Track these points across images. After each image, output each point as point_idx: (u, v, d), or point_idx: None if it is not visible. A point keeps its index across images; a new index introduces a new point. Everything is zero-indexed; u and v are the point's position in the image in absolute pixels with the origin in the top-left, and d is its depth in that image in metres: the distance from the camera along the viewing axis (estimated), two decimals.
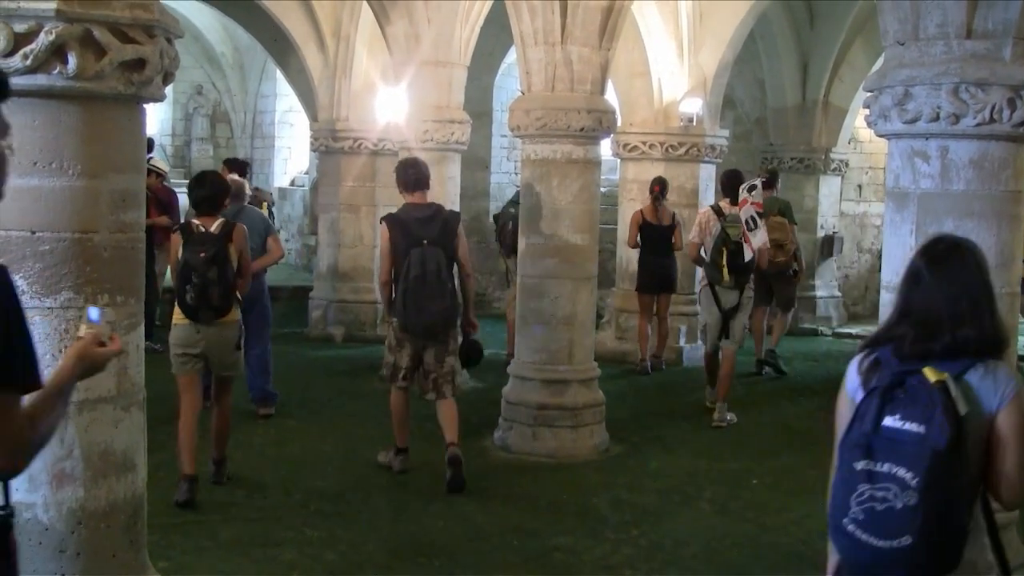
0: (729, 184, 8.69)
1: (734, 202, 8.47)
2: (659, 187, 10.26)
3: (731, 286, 8.45)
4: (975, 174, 4.25)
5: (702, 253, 8.60)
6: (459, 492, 6.44)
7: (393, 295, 6.65)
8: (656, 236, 10.22)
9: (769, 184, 10.60)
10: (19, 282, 3.30)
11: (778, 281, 10.48)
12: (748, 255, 8.26)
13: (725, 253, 8.34)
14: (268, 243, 7.81)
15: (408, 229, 6.57)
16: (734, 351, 8.68)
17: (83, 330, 2.57)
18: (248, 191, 8.78)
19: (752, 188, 8.34)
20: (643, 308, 10.51)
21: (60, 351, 3.34)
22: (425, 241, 6.53)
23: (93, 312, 2.59)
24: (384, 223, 6.73)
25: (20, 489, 3.26)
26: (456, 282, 6.75)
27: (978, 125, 4.17)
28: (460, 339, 6.85)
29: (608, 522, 6.09)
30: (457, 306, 6.73)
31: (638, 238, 10.33)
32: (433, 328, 6.58)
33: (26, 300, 3.29)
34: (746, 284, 8.52)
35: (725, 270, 8.37)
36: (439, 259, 6.53)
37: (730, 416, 8.57)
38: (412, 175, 6.80)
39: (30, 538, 3.41)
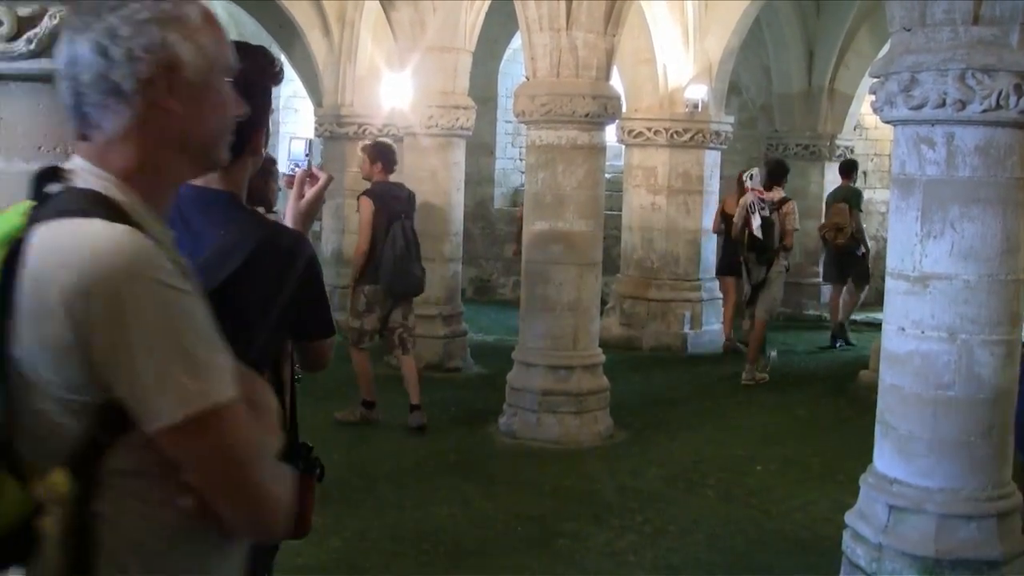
0: (767, 171, 9.86)
1: (767, 188, 9.59)
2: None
3: (756, 262, 9.41)
4: (981, 161, 4.22)
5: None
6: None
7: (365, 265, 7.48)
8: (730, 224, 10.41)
9: (846, 173, 11.73)
10: None
11: (847, 261, 11.37)
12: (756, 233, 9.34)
13: (747, 233, 9.41)
14: None
15: (390, 205, 7.47)
16: (764, 320, 9.59)
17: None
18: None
19: (751, 176, 9.54)
20: (725, 291, 11.16)
21: None
22: (403, 215, 7.50)
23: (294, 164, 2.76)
24: (368, 197, 7.49)
25: None
26: None
27: (984, 111, 4.14)
28: None
29: (612, 508, 6.10)
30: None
31: (721, 225, 10.79)
32: (416, 288, 7.63)
33: None
34: (772, 260, 9.40)
35: (745, 248, 9.45)
36: (413, 231, 7.61)
37: (760, 374, 9.60)
38: (395, 159, 7.73)
39: None
